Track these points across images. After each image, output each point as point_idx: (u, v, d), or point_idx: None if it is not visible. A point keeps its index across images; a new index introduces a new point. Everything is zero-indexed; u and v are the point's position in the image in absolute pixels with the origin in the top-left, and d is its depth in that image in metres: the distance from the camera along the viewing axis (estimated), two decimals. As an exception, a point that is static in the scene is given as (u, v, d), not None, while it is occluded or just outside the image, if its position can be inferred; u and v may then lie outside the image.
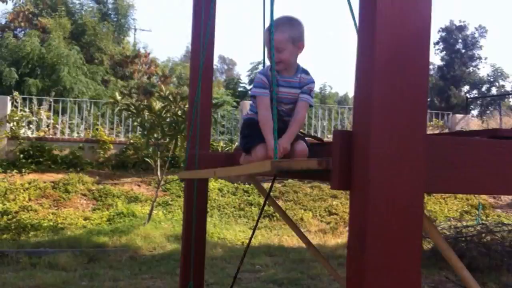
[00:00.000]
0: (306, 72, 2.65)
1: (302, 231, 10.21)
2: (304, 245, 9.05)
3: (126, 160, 12.39)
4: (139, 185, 11.55)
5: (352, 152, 1.50)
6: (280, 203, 11.30)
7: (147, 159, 10.65)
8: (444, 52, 36.69)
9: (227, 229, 9.67)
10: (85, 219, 9.86)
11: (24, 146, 11.88)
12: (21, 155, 11.72)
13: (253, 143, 2.46)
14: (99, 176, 11.76)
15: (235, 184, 12.01)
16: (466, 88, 36.96)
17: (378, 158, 1.43)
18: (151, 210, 9.61)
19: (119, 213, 10.04)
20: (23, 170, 11.42)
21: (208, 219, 9.07)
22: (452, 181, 1.61)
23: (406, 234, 1.44)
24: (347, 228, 11.18)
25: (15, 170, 11.38)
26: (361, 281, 1.40)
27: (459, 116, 16.98)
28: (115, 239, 8.38)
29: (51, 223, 9.48)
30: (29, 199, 10.41)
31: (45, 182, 11.02)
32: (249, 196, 11.48)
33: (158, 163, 9.71)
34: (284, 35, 2.47)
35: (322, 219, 11.00)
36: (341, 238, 9.84)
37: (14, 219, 9.47)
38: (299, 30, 2.54)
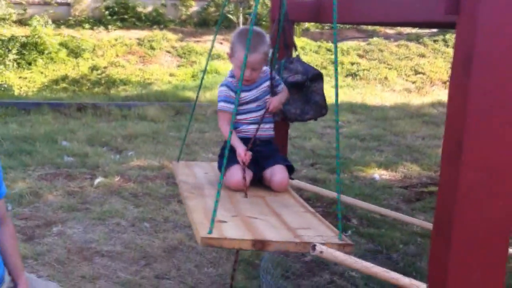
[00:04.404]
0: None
1: (386, 90, 10.04)
2: (387, 104, 8.91)
3: (208, 17, 12.31)
4: (221, 43, 11.54)
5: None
6: (363, 61, 11.05)
7: (229, 16, 10.53)
8: None
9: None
10: (171, 75, 10.12)
11: (108, 3, 12.01)
12: (106, 12, 11.89)
13: (226, 165, 2.28)
14: (182, 33, 11.83)
15: (318, 42, 11.76)
16: None
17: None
18: (233, 67, 9.67)
19: (203, 70, 10.20)
20: (109, 27, 11.65)
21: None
22: None
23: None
24: (433, 88, 10.87)
25: (101, 27, 11.63)
26: (464, 103, 1.34)
27: None
28: (200, 94, 8.58)
29: (139, 78, 9.80)
30: (117, 55, 10.72)
31: (130, 39, 11.25)
32: (331, 54, 11.26)
33: (240, 20, 9.59)
34: (260, 55, 2.43)
35: (407, 78, 10.71)
36: (426, 97, 9.60)
37: (104, 74, 9.86)
38: (268, 44, 2.50)
